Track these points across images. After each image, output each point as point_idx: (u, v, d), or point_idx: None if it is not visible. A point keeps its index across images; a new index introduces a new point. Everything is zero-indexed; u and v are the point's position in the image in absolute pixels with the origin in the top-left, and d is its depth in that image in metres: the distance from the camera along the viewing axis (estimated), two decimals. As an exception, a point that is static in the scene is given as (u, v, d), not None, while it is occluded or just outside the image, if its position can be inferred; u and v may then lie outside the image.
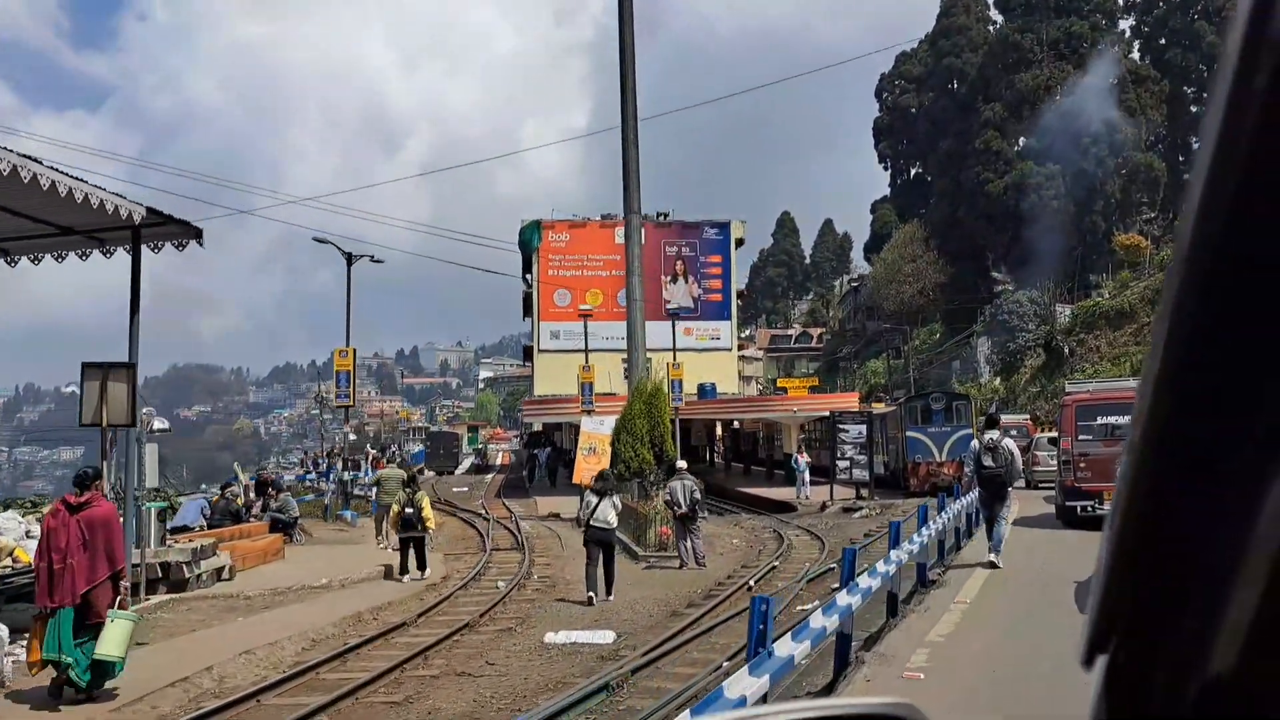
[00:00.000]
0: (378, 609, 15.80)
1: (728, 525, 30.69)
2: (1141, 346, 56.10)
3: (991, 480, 15.84)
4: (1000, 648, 10.19)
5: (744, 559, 22.38)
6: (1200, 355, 0.70)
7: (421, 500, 20.44)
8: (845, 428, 34.59)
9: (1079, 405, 21.36)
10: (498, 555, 23.92)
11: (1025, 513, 22.73)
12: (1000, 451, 15.75)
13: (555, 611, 15.98)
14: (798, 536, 26.51)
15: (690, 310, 65.91)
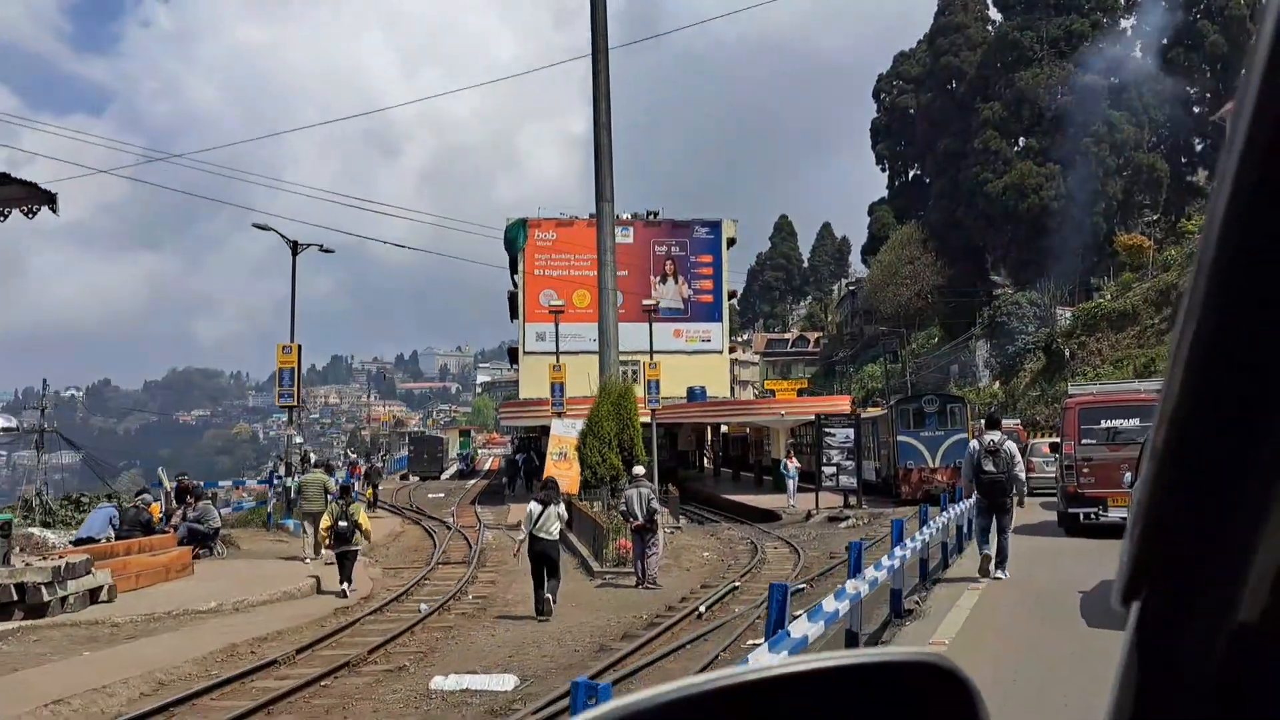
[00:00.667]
0: (260, 640, 13.40)
1: (704, 536, 28.28)
2: (1144, 349, 53.72)
3: (992, 487, 14.29)
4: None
5: (710, 575, 20.01)
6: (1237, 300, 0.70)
7: (356, 512, 18.34)
8: (831, 432, 32.13)
9: (1082, 408, 20.44)
10: (441, 570, 21.59)
11: (1024, 520, 21.32)
12: (1002, 455, 14.26)
13: (469, 643, 13.64)
14: (775, 549, 24.16)
15: (680, 311, 63.58)
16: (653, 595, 17.41)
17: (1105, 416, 19.91)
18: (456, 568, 21.63)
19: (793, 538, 26.53)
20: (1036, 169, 75.92)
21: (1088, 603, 11.63)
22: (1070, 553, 17.17)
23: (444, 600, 16.72)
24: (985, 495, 14.47)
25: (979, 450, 14.49)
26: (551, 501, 16.08)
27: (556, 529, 15.93)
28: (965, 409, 33.76)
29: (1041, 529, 20.76)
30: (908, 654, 0.93)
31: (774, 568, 20.37)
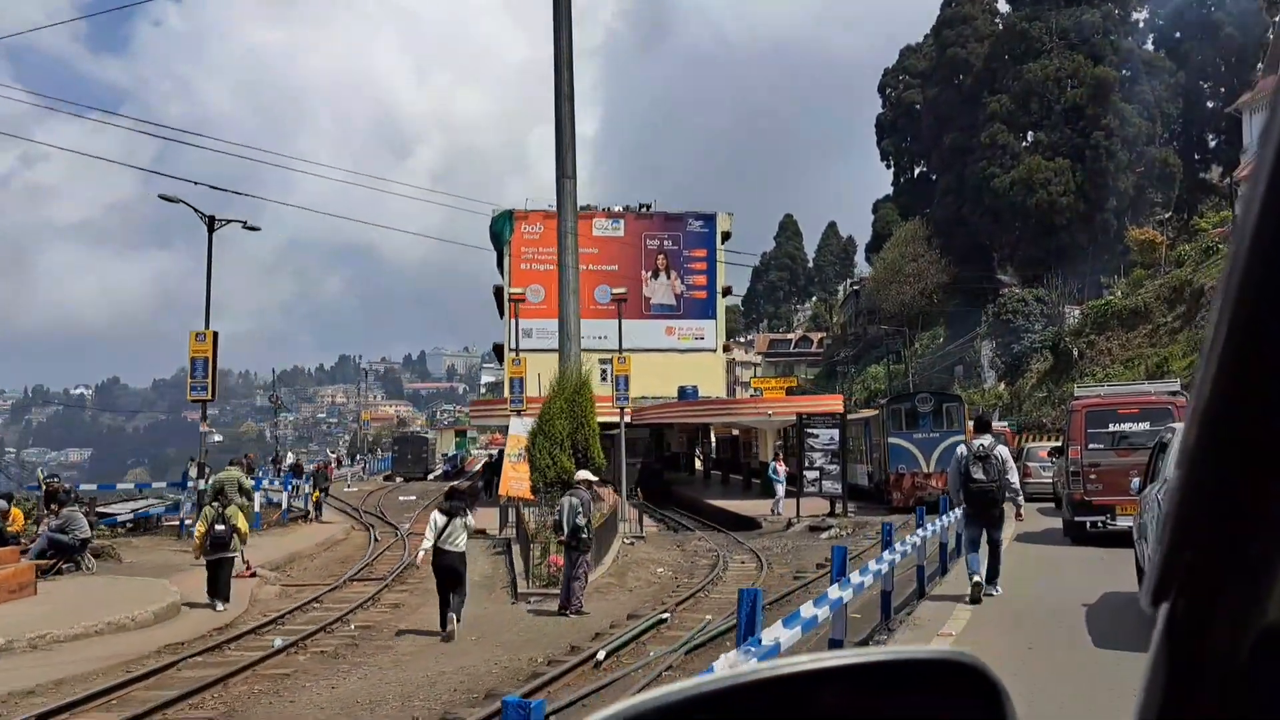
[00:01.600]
0: (20, 696, 10.34)
1: (668, 547, 25.34)
2: (1157, 348, 50.54)
3: (981, 497, 12.76)
4: None
5: (653, 598, 17.08)
6: None
7: (234, 516, 15.76)
8: (814, 433, 29.14)
9: (1089, 411, 19.28)
10: (350, 588, 18.65)
11: (1027, 528, 20.06)
12: (992, 461, 12.75)
13: (287, 704, 10.62)
14: (740, 564, 21.29)
15: (673, 308, 60.67)
16: (572, 624, 14.46)
17: (1113, 420, 18.74)
18: (369, 585, 18.71)
19: (765, 550, 23.63)
20: (1045, 163, 72.62)
21: (1094, 619, 10.57)
22: (1075, 563, 15.81)
23: (312, 631, 13.81)
24: (974, 506, 12.87)
25: (967, 456, 12.93)
26: (458, 512, 14.67)
27: (463, 541, 14.54)
28: (963, 409, 30.74)
29: (1046, 537, 19.47)
30: (935, 653, 0.93)
31: (727, 590, 17.41)
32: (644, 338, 59.66)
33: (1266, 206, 0.64)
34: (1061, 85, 74.25)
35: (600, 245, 59.86)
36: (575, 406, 23.41)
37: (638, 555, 22.39)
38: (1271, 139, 0.63)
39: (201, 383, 23.81)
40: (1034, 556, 16.99)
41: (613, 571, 19.51)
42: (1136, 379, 47.14)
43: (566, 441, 23.03)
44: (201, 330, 24.42)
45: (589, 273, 59.89)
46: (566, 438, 23.04)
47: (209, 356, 23.64)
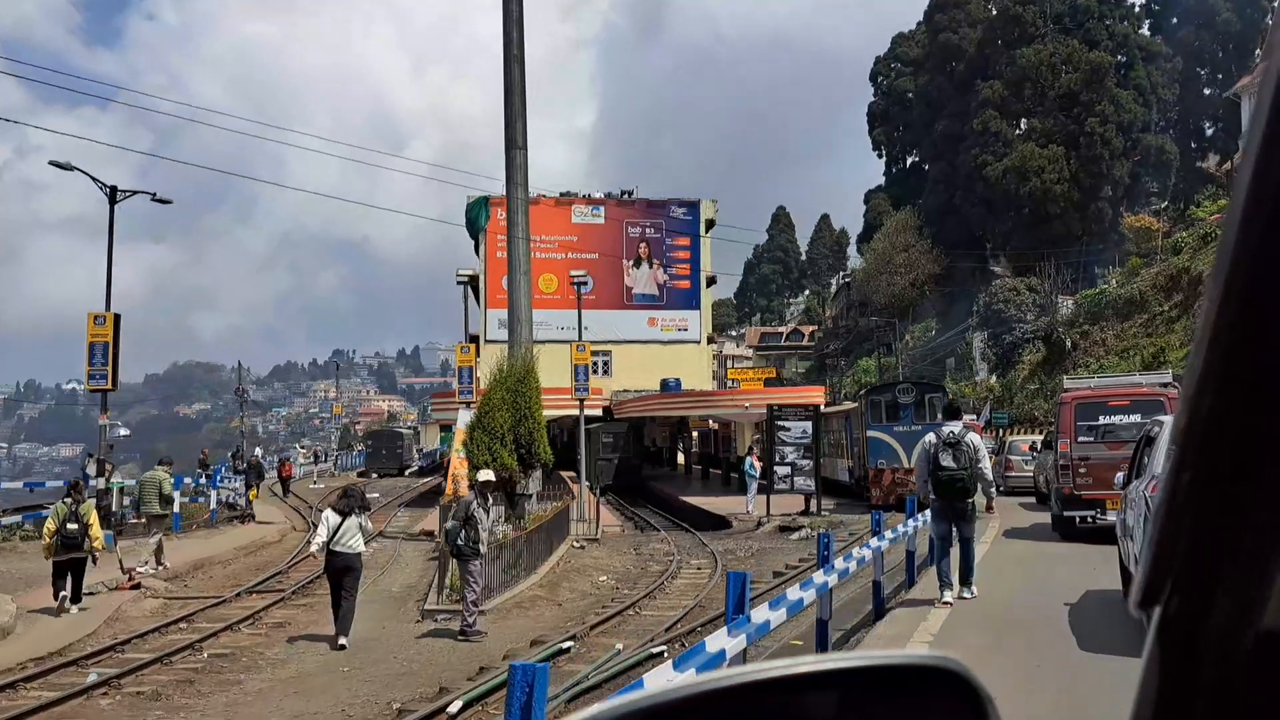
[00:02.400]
0: None
1: (624, 550, 23.11)
2: (1153, 338, 48.40)
3: (950, 486, 11.69)
4: None
5: (579, 613, 14.83)
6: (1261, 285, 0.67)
7: (88, 513, 15.00)
8: (785, 425, 26.89)
9: (1078, 403, 18.63)
10: (247, 600, 16.36)
11: (1015, 523, 20.35)
12: (963, 449, 11.70)
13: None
14: (696, 570, 19.09)
15: (655, 298, 58.39)
16: (468, 652, 12.23)
17: (1103, 412, 18.17)
18: (265, 598, 16.45)
19: (727, 553, 21.45)
20: (1039, 151, 70.36)
21: (1078, 620, 10.03)
22: (1063, 560, 14.98)
23: (149, 661, 11.62)
24: (943, 497, 11.80)
25: (936, 443, 11.85)
26: (352, 511, 13.53)
27: (358, 542, 13.46)
28: (946, 400, 28.45)
29: (1034, 533, 18.91)
30: (919, 658, 0.92)
31: (665, 604, 15.23)
32: (626, 329, 57.53)
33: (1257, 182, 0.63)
34: (1056, 71, 71.97)
35: (580, 232, 57.66)
36: (519, 397, 21.15)
37: (583, 561, 20.18)
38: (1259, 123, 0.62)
39: (101, 370, 21.61)
40: (1020, 553, 16.21)
41: (547, 581, 17.29)
42: (1132, 370, 45.39)
43: (509, 436, 20.78)
44: (101, 313, 22.13)
45: (570, 260, 57.68)
46: (508, 431, 20.79)
47: (110, 341, 21.40)
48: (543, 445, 21.58)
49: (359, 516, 13.58)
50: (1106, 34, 73.73)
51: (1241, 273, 0.65)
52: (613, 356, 57.57)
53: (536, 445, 21.24)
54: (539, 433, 21.48)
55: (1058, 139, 71.06)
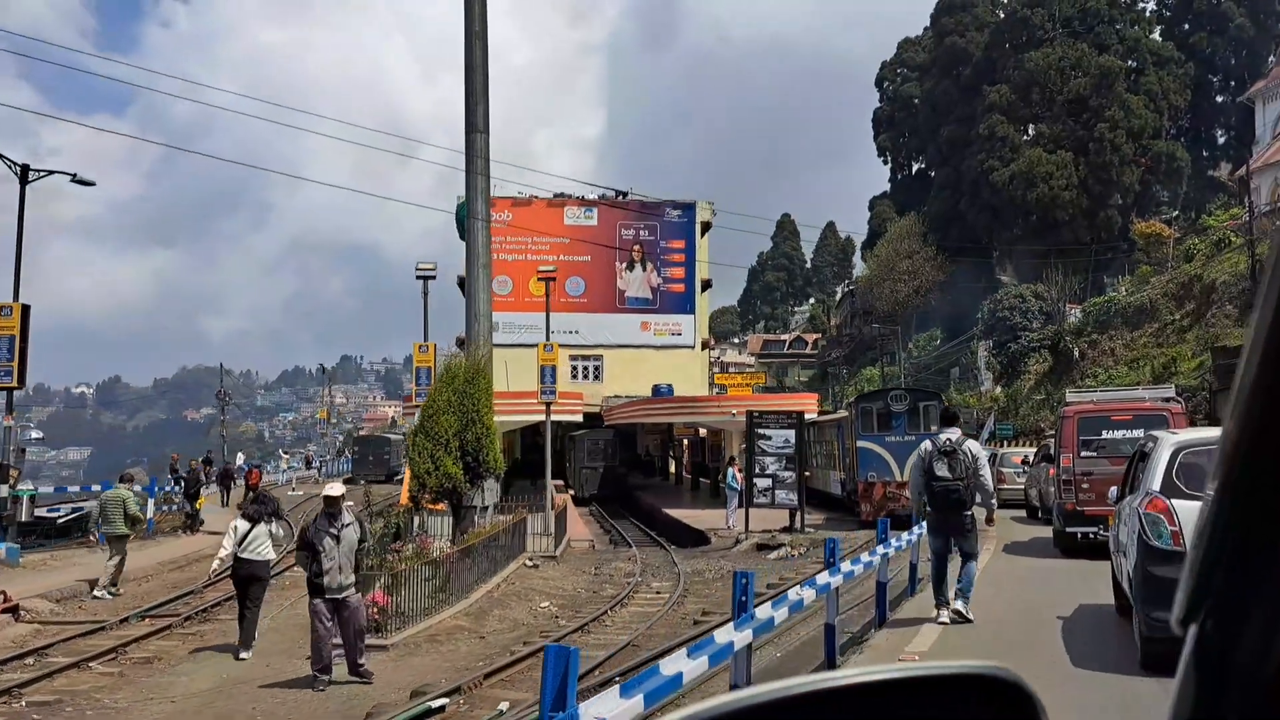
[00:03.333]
0: None
1: (584, 569, 20.94)
2: (1164, 348, 46.04)
3: (946, 498, 10.82)
4: None
5: (504, 648, 12.52)
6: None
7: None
8: (766, 434, 24.67)
9: (1081, 417, 18.19)
10: (139, 625, 14.20)
11: (1015, 537, 19.97)
12: (959, 458, 10.77)
13: None
14: (655, 594, 16.88)
15: (648, 302, 56.20)
16: (322, 702, 10.02)
17: (1106, 427, 17.77)
18: (159, 621, 14.32)
19: (695, 575, 19.26)
20: (1046, 156, 68.15)
21: (1071, 635, 9.77)
22: (1064, 576, 14.34)
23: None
24: (939, 510, 10.99)
25: (931, 451, 11.00)
26: (261, 518, 12.96)
27: (267, 550, 13.01)
28: (941, 407, 26.26)
29: (1033, 548, 18.32)
30: (968, 667, 0.92)
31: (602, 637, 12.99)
32: (618, 333, 55.43)
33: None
34: (1064, 75, 69.74)
35: (572, 234, 55.54)
36: (467, 400, 18.97)
37: (531, 583, 17.98)
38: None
39: (6, 366, 19.42)
40: (1020, 570, 15.51)
41: (477, 608, 15.07)
42: (1142, 380, 43.23)
43: (454, 442, 18.60)
44: (6, 303, 19.99)
45: (563, 263, 55.55)
46: (454, 437, 18.61)
47: (15, 334, 19.27)
48: (493, 453, 19.40)
49: (270, 524, 13.02)
50: (1116, 38, 71.52)
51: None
52: (604, 361, 55.50)
53: (486, 453, 19.05)
54: (489, 439, 19.30)
55: (1066, 145, 68.83)
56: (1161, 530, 8.12)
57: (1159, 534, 8.13)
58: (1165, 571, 7.74)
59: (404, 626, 13.26)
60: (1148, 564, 8.08)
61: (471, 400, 18.86)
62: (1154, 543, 8.11)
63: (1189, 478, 8.42)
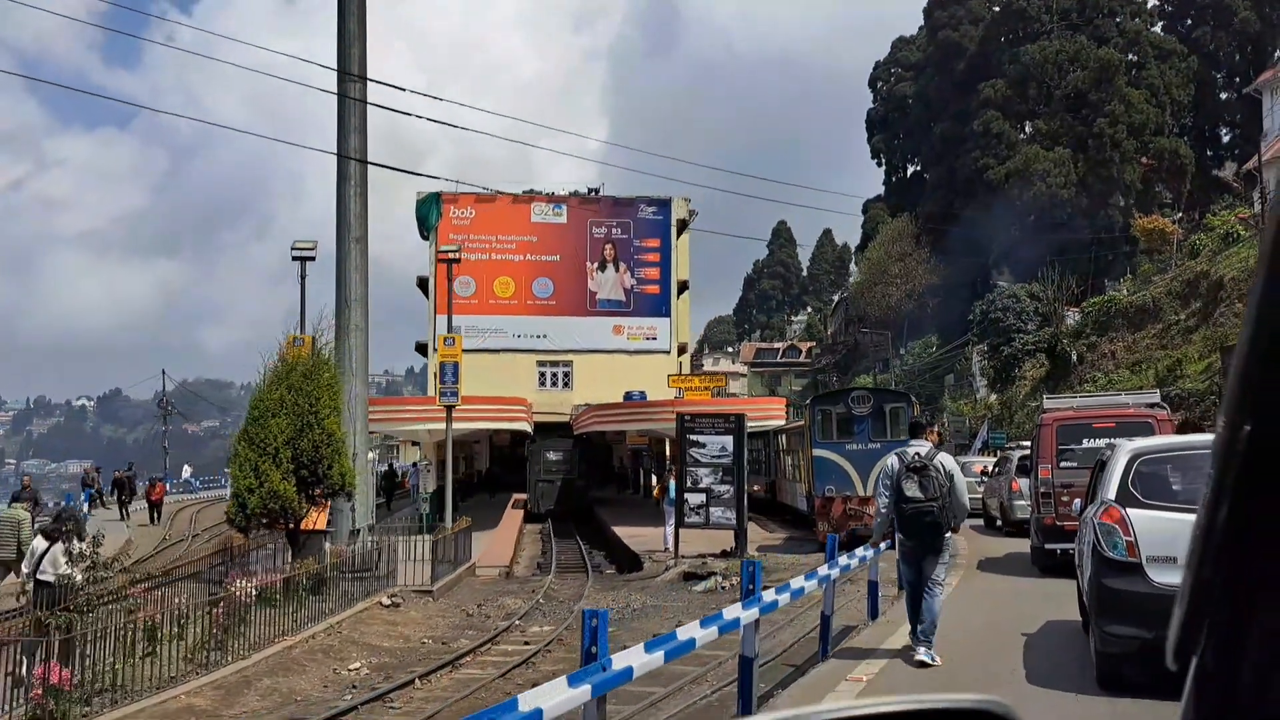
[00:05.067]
0: None
1: (466, 604, 17.07)
2: (1168, 350, 42.08)
3: (917, 522, 9.45)
4: None
5: None
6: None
7: None
8: (699, 440, 20.66)
9: (1060, 425, 17.12)
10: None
11: (988, 553, 18.64)
12: (931, 474, 9.35)
13: None
14: (515, 648, 12.95)
15: (621, 304, 52.25)
16: None
17: (1087, 435, 16.53)
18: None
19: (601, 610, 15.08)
20: (1044, 153, 64.22)
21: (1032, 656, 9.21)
22: (1037, 593, 13.34)
23: None
24: (909, 534, 9.61)
25: (899, 468, 9.56)
26: (58, 536, 11.69)
27: (66, 570, 11.37)
28: (911, 410, 22.32)
29: (1008, 564, 17.13)
30: (962, 701, 0.93)
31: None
32: (589, 337, 51.51)
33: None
34: (1062, 69, 65.80)
35: (540, 232, 51.73)
36: (304, 399, 15.12)
37: (369, 630, 14.07)
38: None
39: None
40: (995, 587, 14.62)
41: (250, 674, 11.10)
42: (1145, 385, 39.78)
43: (285, 452, 14.74)
44: None
45: (529, 263, 51.74)
46: (284, 446, 14.74)
47: None
48: (340, 464, 15.49)
49: (66, 542, 11.68)
50: (1116, 31, 67.59)
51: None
52: (574, 367, 51.59)
53: (327, 464, 15.16)
54: (334, 447, 15.41)
55: (1064, 141, 64.91)
56: (1116, 541, 7.74)
57: (1114, 545, 7.75)
58: (1120, 584, 7.50)
59: (119, 703, 9.31)
60: (1102, 576, 7.75)
61: (309, 399, 14.95)
62: (1109, 554, 7.75)
63: (1146, 486, 8.03)
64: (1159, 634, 7.87)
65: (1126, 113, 63.71)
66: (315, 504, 15.62)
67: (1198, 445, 8.52)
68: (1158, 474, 8.22)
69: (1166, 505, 7.74)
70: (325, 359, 16.09)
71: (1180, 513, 7.41)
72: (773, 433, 33.87)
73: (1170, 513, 7.57)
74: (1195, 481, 7.81)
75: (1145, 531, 7.60)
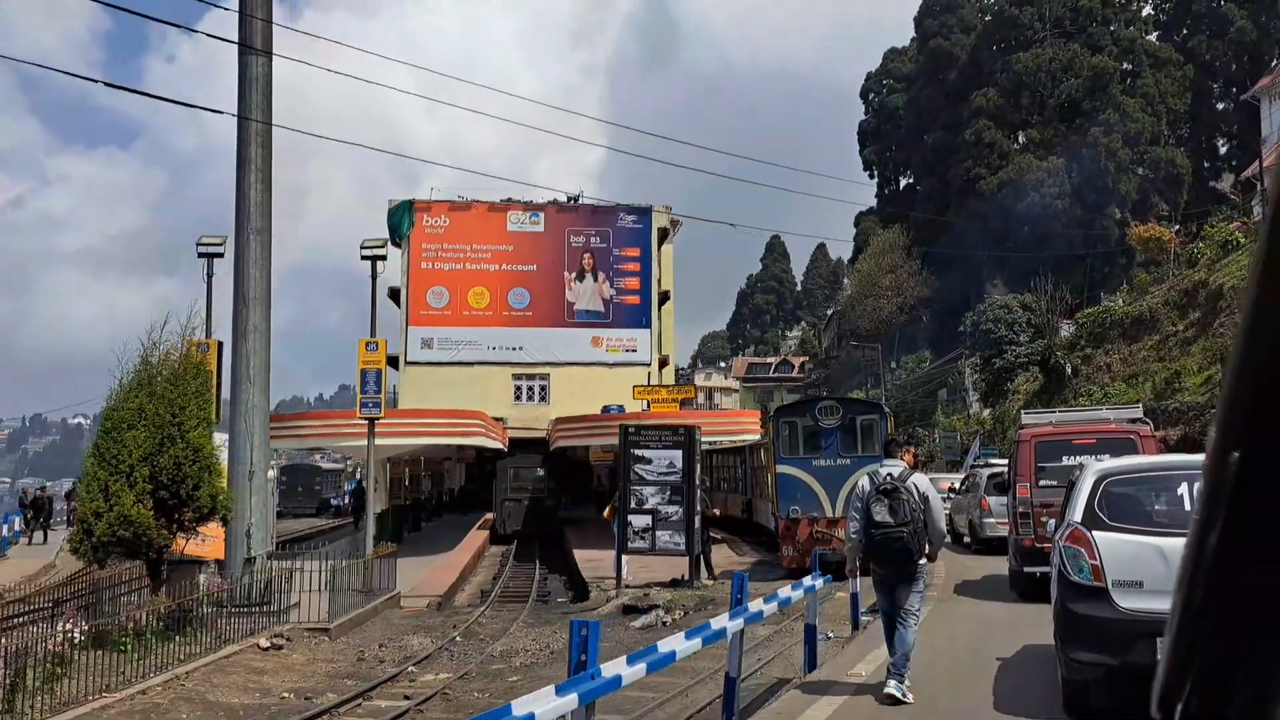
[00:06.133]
0: None
1: (364, 644, 14.70)
2: (1166, 362, 39.88)
3: (886, 549, 8.65)
4: None
5: None
6: None
7: None
8: (643, 455, 18.39)
9: (1039, 442, 15.81)
10: None
11: (962, 576, 17.21)
12: (903, 498, 8.52)
13: None
14: (385, 708, 10.56)
15: (600, 315, 50.04)
16: None
17: (1067, 452, 15.31)
18: None
19: (507, 656, 13.05)
20: (1037, 163, 62.13)
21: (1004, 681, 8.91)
22: (1016, 618, 12.37)
23: None
24: (880, 562, 8.80)
25: (868, 491, 8.73)
26: None
27: None
28: (886, 424, 20.04)
29: (985, 588, 16.07)
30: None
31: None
32: (567, 349, 49.28)
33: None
34: (1055, 77, 63.76)
35: (516, 241, 49.57)
36: (166, 408, 12.90)
37: (231, 679, 11.80)
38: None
39: None
40: (971, 612, 13.78)
41: None
42: (1141, 398, 37.64)
43: (141, 470, 12.53)
44: None
45: (504, 273, 49.59)
46: (141, 463, 12.53)
47: None
48: (210, 484, 13.25)
49: None
50: (1111, 39, 65.55)
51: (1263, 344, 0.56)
52: (550, 380, 49.33)
53: (192, 484, 12.91)
54: (203, 465, 13.17)
55: (1058, 151, 62.81)
56: (1081, 564, 7.38)
57: (1079, 568, 7.38)
58: (1085, 609, 7.24)
59: None
60: (1067, 600, 7.44)
61: (173, 409, 12.68)
62: (1073, 577, 7.41)
63: (1113, 508, 7.64)
64: (1125, 660, 6.76)
65: (1122, 121, 61.65)
66: (184, 530, 13.39)
67: (1167, 466, 8.35)
68: (1126, 495, 7.91)
69: (1134, 528, 7.43)
70: (197, 363, 13.90)
71: (1148, 536, 7.19)
72: (749, 448, 31.67)
73: (1137, 535, 7.29)
74: (1164, 503, 7.70)
75: (1111, 555, 7.29)
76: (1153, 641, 6.43)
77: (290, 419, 30.59)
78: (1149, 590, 6.93)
